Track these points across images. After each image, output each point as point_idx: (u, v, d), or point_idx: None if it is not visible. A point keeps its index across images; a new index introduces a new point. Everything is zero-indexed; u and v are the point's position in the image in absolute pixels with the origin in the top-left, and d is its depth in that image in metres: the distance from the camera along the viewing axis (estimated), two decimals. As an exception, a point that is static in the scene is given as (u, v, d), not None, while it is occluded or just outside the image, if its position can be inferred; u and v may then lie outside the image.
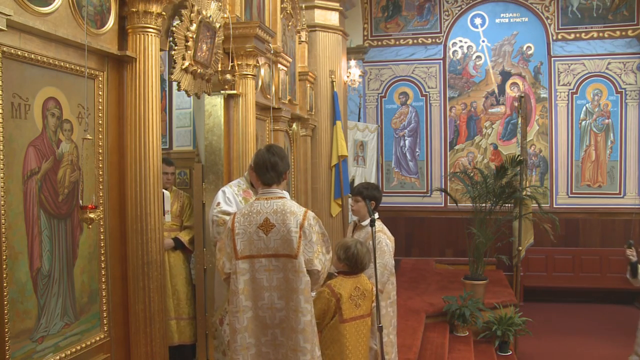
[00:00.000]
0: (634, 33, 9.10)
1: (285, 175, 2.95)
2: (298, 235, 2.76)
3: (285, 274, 2.77)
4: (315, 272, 2.80)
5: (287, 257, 2.77)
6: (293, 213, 2.81)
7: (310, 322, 2.76)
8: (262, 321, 2.81)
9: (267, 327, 2.81)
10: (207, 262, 4.28)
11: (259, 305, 2.81)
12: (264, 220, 2.81)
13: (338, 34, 7.14)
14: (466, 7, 9.66)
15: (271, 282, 2.79)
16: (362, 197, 3.84)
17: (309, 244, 2.78)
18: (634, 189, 9.20)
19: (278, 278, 2.79)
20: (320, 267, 2.82)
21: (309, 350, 2.74)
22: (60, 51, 2.51)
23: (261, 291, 2.80)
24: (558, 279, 9.15)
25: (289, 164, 3.01)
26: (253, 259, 2.82)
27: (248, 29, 4.10)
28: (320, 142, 6.89)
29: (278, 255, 2.79)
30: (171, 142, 5.78)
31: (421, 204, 9.72)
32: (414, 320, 5.88)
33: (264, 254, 2.80)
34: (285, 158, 2.96)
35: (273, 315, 2.79)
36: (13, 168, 2.28)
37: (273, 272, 2.79)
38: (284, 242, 2.77)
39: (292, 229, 2.77)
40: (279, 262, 2.79)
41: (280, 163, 2.90)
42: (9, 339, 2.23)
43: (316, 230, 2.83)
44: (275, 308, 2.79)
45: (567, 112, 9.40)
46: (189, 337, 4.53)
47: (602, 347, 6.88)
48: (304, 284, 2.75)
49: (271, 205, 2.84)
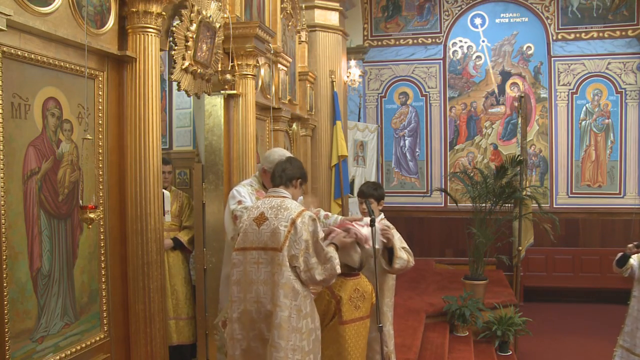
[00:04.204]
0: (634, 33, 9.10)
1: (295, 183, 3.02)
2: (287, 230, 2.78)
3: (271, 268, 2.80)
4: (299, 270, 2.77)
5: (274, 251, 2.80)
6: (287, 209, 2.85)
7: (287, 319, 2.73)
8: (250, 315, 2.83)
9: (255, 322, 2.82)
10: (207, 262, 4.28)
11: (248, 298, 2.84)
12: (259, 214, 2.89)
13: (338, 34, 7.14)
14: (466, 7, 9.66)
15: (259, 276, 2.82)
16: (375, 199, 3.86)
17: (298, 241, 2.77)
18: (634, 189, 9.19)
19: (265, 272, 2.81)
20: (304, 265, 2.76)
21: (282, 348, 2.70)
22: (60, 51, 2.51)
23: (250, 284, 2.84)
24: (558, 279, 9.15)
25: (302, 174, 3.07)
26: (246, 251, 2.87)
27: (248, 29, 4.10)
28: (320, 142, 6.89)
29: (267, 248, 2.82)
30: (171, 142, 5.78)
31: (421, 204, 9.72)
32: (414, 320, 5.88)
33: (255, 247, 2.85)
34: (298, 168, 3.06)
35: (259, 309, 2.81)
36: (13, 168, 2.28)
37: (262, 265, 2.82)
38: (273, 235, 2.81)
39: (282, 223, 2.81)
40: (267, 255, 2.82)
41: (289, 168, 3.01)
42: (9, 339, 2.23)
43: (310, 230, 2.80)
44: (261, 302, 2.81)
45: (567, 112, 9.40)
46: (188, 337, 4.54)
47: (602, 347, 6.87)
48: (285, 278, 2.75)
49: (270, 202, 2.93)
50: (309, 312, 2.85)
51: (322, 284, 2.87)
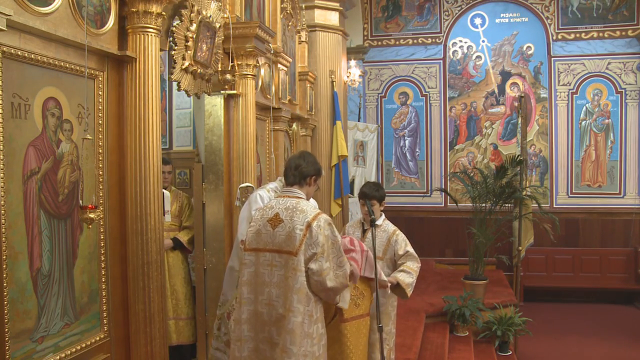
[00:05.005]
0: (634, 33, 9.10)
1: (309, 181, 2.96)
2: (303, 234, 2.73)
3: (285, 271, 2.76)
4: (311, 272, 2.73)
5: (289, 254, 2.75)
6: (303, 211, 2.80)
7: (300, 324, 2.69)
8: (261, 317, 2.80)
9: (265, 324, 2.80)
10: (207, 262, 4.28)
11: (259, 300, 2.80)
12: (274, 214, 2.83)
13: (338, 34, 7.14)
14: (466, 7, 9.66)
15: (272, 278, 2.78)
16: (377, 200, 3.89)
17: (313, 245, 2.72)
18: (634, 189, 9.19)
19: (279, 275, 2.77)
20: (317, 268, 2.71)
21: (294, 353, 2.68)
22: (60, 51, 2.51)
23: (262, 286, 2.80)
24: (558, 279, 9.15)
25: (317, 171, 3.00)
26: (258, 252, 2.83)
27: (248, 29, 4.10)
28: (320, 142, 6.89)
29: (281, 251, 2.77)
30: (171, 142, 5.78)
31: (421, 204, 9.72)
32: (414, 320, 5.88)
33: (269, 249, 2.80)
34: (312, 164, 2.98)
35: (270, 312, 2.78)
36: (13, 168, 2.28)
37: (275, 268, 2.78)
38: (288, 239, 2.76)
39: (297, 226, 2.75)
40: (281, 258, 2.77)
41: (304, 165, 2.93)
42: (9, 339, 2.23)
43: (325, 233, 2.75)
44: (272, 305, 2.77)
45: (567, 112, 9.40)
46: (188, 337, 4.54)
47: (602, 347, 6.88)
48: (300, 283, 2.71)
49: (285, 202, 2.87)
50: (320, 317, 2.82)
51: (330, 293, 2.78)
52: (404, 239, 3.94)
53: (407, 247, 3.89)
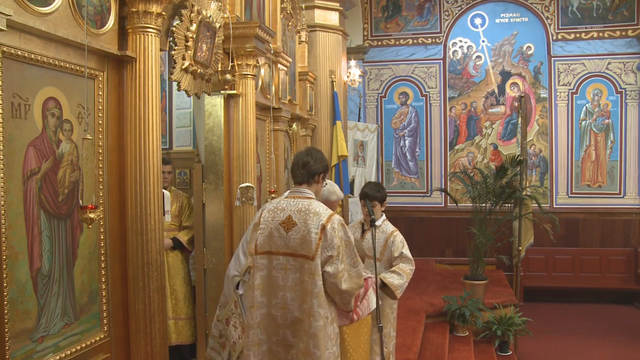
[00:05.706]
0: (634, 33, 9.10)
1: (317, 178, 2.91)
2: (318, 237, 2.70)
3: (301, 275, 2.73)
4: (327, 275, 2.71)
5: (304, 258, 2.72)
6: (317, 214, 2.76)
7: (323, 327, 2.69)
8: (275, 320, 2.79)
9: (279, 327, 2.78)
10: (207, 262, 4.28)
11: (273, 304, 2.79)
12: (286, 217, 2.79)
13: (338, 34, 7.14)
14: (466, 7, 9.66)
15: (286, 282, 2.76)
16: (378, 201, 3.89)
17: (328, 248, 2.69)
18: (634, 189, 9.20)
19: (293, 278, 2.75)
20: (333, 271, 2.70)
21: (318, 357, 2.68)
22: (60, 51, 2.51)
23: (276, 289, 2.78)
24: (558, 279, 9.15)
25: (325, 168, 2.94)
26: (271, 256, 2.80)
27: (248, 29, 4.09)
28: (320, 142, 6.89)
29: (296, 254, 2.75)
30: (171, 142, 5.78)
31: (421, 204, 9.73)
32: (414, 320, 5.88)
33: (283, 252, 2.77)
34: (320, 161, 2.92)
35: (285, 315, 2.76)
36: (13, 168, 2.28)
37: (289, 271, 2.75)
38: (303, 242, 2.73)
39: (312, 230, 2.72)
40: (296, 262, 2.75)
41: (312, 163, 2.87)
42: (9, 339, 2.23)
43: (340, 235, 2.73)
44: (287, 308, 2.75)
45: (567, 112, 9.40)
46: (187, 337, 4.54)
47: (602, 347, 6.88)
48: (318, 287, 2.69)
49: (297, 204, 2.82)
50: (334, 317, 2.82)
51: (345, 295, 2.75)
52: (402, 240, 3.94)
53: (402, 249, 3.89)
